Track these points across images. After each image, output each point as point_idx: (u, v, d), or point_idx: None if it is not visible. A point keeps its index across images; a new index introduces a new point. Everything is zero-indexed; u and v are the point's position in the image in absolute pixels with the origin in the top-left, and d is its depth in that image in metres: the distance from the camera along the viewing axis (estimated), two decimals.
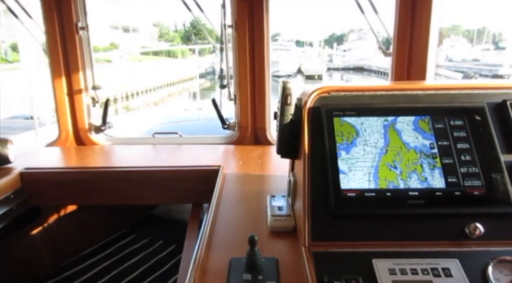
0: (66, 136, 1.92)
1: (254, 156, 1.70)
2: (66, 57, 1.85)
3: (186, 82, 25.28)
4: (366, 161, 0.86)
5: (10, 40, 19.41)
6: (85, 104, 1.92)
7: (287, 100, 0.95)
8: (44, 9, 1.77)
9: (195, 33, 50.07)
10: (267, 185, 1.31)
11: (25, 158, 1.61)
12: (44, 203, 1.52)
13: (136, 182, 1.51)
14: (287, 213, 1.01)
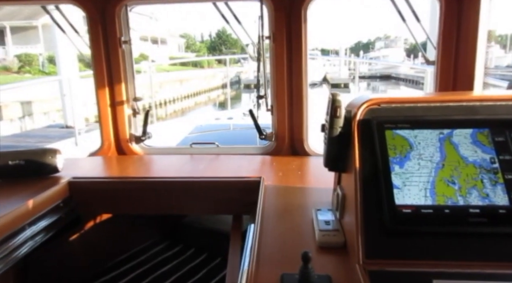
0: (108, 146, 1.99)
1: (292, 167, 1.69)
2: (109, 70, 1.92)
3: (212, 92, 25.66)
4: (422, 176, 0.83)
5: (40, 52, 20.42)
6: (126, 115, 1.98)
7: (337, 112, 0.94)
8: (90, 25, 1.85)
9: (221, 44, 50.94)
10: (310, 197, 1.29)
11: (71, 167, 1.67)
12: (90, 211, 1.57)
13: (178, 193, 1.53)
14: (335, 228, 0.99)
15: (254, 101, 4.85)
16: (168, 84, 18.87)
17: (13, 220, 1.21)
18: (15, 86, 8.09)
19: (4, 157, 1.51)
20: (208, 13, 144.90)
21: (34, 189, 1.43)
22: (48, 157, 1.56)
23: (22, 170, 1.53)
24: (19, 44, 24.51)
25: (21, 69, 18.59)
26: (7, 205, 1.27)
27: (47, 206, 1.39)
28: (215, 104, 22.10)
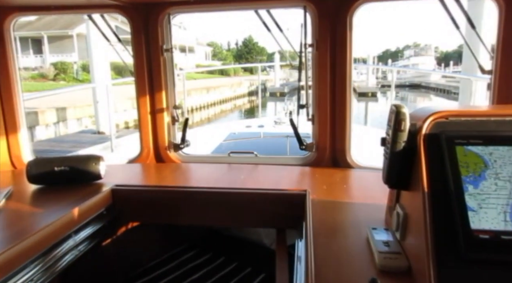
0: (147, 153, 1.99)
1: (336, 180, 1.63)
2: (150, 77, 1.93)
3: (238, 99, 25.86)
4: (500, 198, 0.76)
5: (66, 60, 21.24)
6: (166, 122, 1.98)
7: (401, 126, 0.88)
8: (133, 33, 1.88)
9: (247, 52, 51.45)
10: (360, 214, 1.22)
11: (112, 174, 1.68)
12: (132, 220, 1.56)
13: (219, 204, 1.50)
14: (396, 250, 0.92)
15: (286, 110, 4.79)
16: (195, 92, 19.16)
17: (60, 227, 1.21)
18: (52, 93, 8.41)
19: (50, 163, 1.53)
20: (235, 22, 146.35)
21: (78, 195, 1.44)
22: (92, 164, 1.56)
23: (66, 176, 1.54)
24: (55, 52, 25.67)
25: (56, 77, 19.40)
26: (54, 212, 1.28)
27: (91, 214, 1.39)
28: (241, 112, 22.25)
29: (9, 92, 1.86)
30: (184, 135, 1.99)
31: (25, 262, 1.06)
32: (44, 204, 1.38)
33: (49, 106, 10.55)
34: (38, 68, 21.43)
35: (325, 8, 1.72)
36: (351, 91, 1.79)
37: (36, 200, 1.46)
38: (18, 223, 1.22)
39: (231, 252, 2.17)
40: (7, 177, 1.81)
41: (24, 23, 25.88)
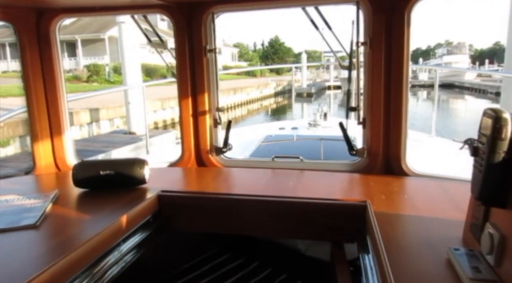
0: (189, 157, 1.93)
1: (394, 189, 1.50)
2: (193, 79, 1.87)
3: (264, 100, 25.81)
4: None
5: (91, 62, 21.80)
6: (208, 125, 1.92)
7: (501, 134, 0.76)
8: (176, 33, 1.83)
9: (274, 53, 51.29)
10: (432, 230, 1.10)
11: (156, 179, 1.62)
12: (177, 227, 1.49)
13: (268, 213, 1.41)
14: (491, 278, 0.80)
15: (320, 111, 4.64)
16: (222, 93, 19.24)
17: (108, 237, 1.16)
18: (92, 95, 8.67)
19: (96, 167, 1.49)
20: (262, 22, 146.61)
21: (124, 201, 1.39)
22: (137, 168, 1.52)
23: (111, 180, 1.51)
24: (88, 55, 26.54)
25: (89, 79, 20.03)
26: (101, 219, 1.23)
27: (139, 221, 1.33)
28: (267, 112, 22.17)
29: (54, 94, 1.85)
30: (226, 138, 1.92)
31: (74, 274, 1.01)
32: (90, 210, 1.34)
33: (83, 107, 10.86)
34: (72, 70, 22.22)
35: (380, 4, 1.60)
36: (408, 92, 1.66)
37: (82, 205, 1.43)
38: (66, 230, 1.18)
39: (265, 257, 2.08)
40: (52, 179, 1.80)
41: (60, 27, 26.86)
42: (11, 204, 1.35)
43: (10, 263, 0.96)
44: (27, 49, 1.76)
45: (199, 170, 1.90)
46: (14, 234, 1.13)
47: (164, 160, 2.08)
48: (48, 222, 1.22)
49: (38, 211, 1.27)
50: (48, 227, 1.19)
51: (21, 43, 1.75)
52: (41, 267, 0.91)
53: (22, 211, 1.28)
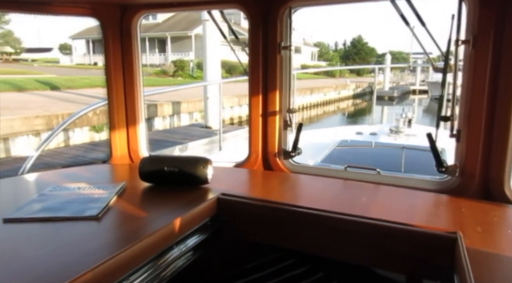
0: (255, 159, 1.85)
1: (494, 220, 1.24)
2: (265, 77, 1.78)
3: (341, 102, 25.01)
4: None
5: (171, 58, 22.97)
6: (277, 127, 1.81)
7: None
8: (251, 29, 1.75)
9: (356, 53, 49.43)
10: None
11: (219, 179, 1.57)
12: (233, 234, 1.42)
13: (336, 231, 1.26)
14: None
15: (404, 117, 4.24)
16: (298, 92, 19.09)
17: (167, 235, 1.13)
18: (172, 90, 9.22)
19: (161, 162, 1.49)
20: (345, 21, 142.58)
21: (185, 200, 1.35)
22: (200, 167, 1.48)
23: (175, 178, 1.49)
24: (176, 51, 28.40)
25: (175, 73, 21.39)
26: (161, 216, 1.21)
27: (197, 223, 1.28)
28: (344, 115, 21.40)
29: (132, 88, 1.91)
30: (296, 142, 1.80)
31: (127, 272, 0.99)
32: (151, 206, 1.33)
33: (167, 100, 11.59)
34: (161, 65, 23.97)
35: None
36: None
37: (144, 200, 1.43)
38: (124, 225, 1.17)
39: (330, 269, 1.89)
40: (123, 170, 1.86)
41: (152, 25, 29.23)
42: (81, 192, 1.40)
43: (67, 253, 0.96)
44: (111, 44, 1.83)
45: (265, 174, 1.80)
46: (77, 223, 1.15)
47: (233, 158, 2.02)
48: (110, 214, 1.23)
49: (102, 203, 1.29)
50: (109, 219, 1.20)
51: (105, 38, 1.83)
52: (94, 262, 0.90)
53: (89, 200, 1.31)
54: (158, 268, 1.11)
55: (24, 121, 8.51)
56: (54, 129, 2.81)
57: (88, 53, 34.59)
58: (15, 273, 0.87)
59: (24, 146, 8.47)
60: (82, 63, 32.64)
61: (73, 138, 8.89)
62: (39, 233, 1.09)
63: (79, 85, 15.35)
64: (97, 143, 8.79)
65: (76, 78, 17.22)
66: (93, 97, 12.60)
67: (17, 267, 0.89)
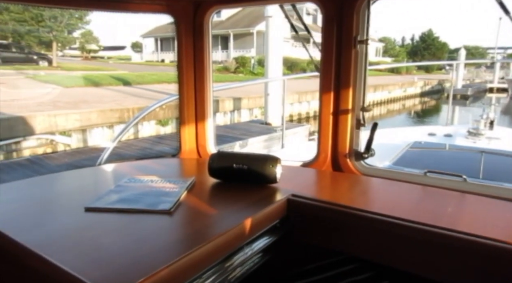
0: (324, 159, 1.77)
1: None
2: (337, 73, 1.69)
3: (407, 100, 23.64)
4: None
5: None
6: (349, 126, 1.71)
7: None
8: (324, 23, 1.67)
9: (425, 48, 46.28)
10: None
11: (286, 178, 1.51)
12: (301, 237, 1.36)
13: (417, 243, 1.14)
14: None
15: (485, 118, 3.84)
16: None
17: (235, 237, 1.10)
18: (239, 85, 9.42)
19: (230, 159, 1.47)
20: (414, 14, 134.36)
21: (253, 199, 1.32)
22: (269, 166, 1.44)
23: (243, 175, 1.47)
24: (238, 48, 28.94)
25: (236, 70, 21.80)
26: (229, 217, 1.18)
27: (266, 225, 1.24)
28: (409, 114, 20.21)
29: (202, 83, 1.92)
30: (370, 142, 1.68)
31: (199, 272, 0.97)
32: (220, 203, 1.32)
33: (228, 96, 11.84)
34: (223, 61, 24.57)
35: None
36: None
37: (213, 196, 1.43)
38: (196, 221, 1.17)
39: (396, 278, 1.74)
40: (192, 165, 1.89)
41: (216, 22, 30.05)
42: (153, 185, 1.43)
43: (143, 247, 0.97)
44: (183, 40, 1.86)
45: (334, 175, 1.71)
46: (150, 216, 1.17)
47: (297, 157, 1.96)
48: (181, 209, 1.24)
49: (174, 197, 1.30)
50: (180, 214, 1.20)
51: (179, 34, 1.86)
52: (169, 258, 0.90)
53: (161, 194, 1.34)
54: (226, 271, 1.08)
55: (99, 114, 9.23)
56: (129, 122, 2.98)
57: (156, 51, 36.65)
58: (94, 263, 0.89)
59: (99, 137, 9.20)
60: (150, 60, 34.70)
61: (142, 131, 9.45)
62: (117, 224, 1.12)
63: (147, 81, 16.30)
64: (163, 136, 9.25)
65: (145, 74, 18.31)
66: (160, 93, 13.30)
67: (96, 258, 0.92)
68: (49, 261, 0.84)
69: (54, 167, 5.89)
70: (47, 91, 12.54)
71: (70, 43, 30.24)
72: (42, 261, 0.87)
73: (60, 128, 8.53)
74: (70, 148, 8.52)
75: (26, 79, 15.93)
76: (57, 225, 1.12)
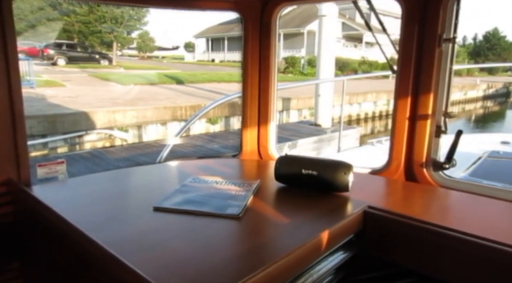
0: (396, 167, 1.63)
1: None
2: (417, 74, 1.54)
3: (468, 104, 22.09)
4: None
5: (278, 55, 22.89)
6: (428, 133, 1.56)
7: None
8: (405, 20, 1.53)
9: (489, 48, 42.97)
10: None
11: (357, 187, 1.40)
12: (379, 255, 1.24)
13: (507, 270, 0.99)
14: None
15: None
16: None
17: (309, 252, 1.01)
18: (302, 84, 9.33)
19: (299, 164, 1.39)
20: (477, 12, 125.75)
21: (325, 209, 1.23)
22: (341, 173, 1.34)
23: (311, 181, 1.38)
24: (288, 48, 28.80)
25: (285, 70, 21.68)
26: (301, 227, 1.10)
27: (342, 239, 1.15)
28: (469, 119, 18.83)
29: (267, 83, 1.87)
30: (452, 151, 1.52)
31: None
32: (289, 211, 1.23)
33: (278, 96, 11.76)
34: None
35: None
36: None
37: (281, 202, 1.35)
38: (265, 230, 1.10)
39: None
40: (254, 167, 1.84)
41: None
42: (218, 187, 1.39)
43: (214, 255, 0.92)
44: (250, 38, 1.82)
45: (409, 186, 1.57)
46: (218, 220, 1.12)
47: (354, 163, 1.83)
48: (249, 214, 1.18)
49: (241, 201, 1.25)
50: (248, 220, 1.15)
51: (245, 32, 1.81)
52: (243, 271, 0.83)
53: (228, 197, 1.29)
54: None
55: (154, 111, 9.60)
56: (189, 119, 3.01)
57: (207, 51, 37.60)
58: (166, 270, 0.85)
59: (153, 133, 9.56)
60: (202, 60, 35.69)
61: (193, 129, 9.68)
62: (185, 227, 1.09)
63: (199, 80, 16.73)
64: (213, 134, 9.40)
65: (197, 73, 18.82)
66: (211, 92, 13.57)
67: (168, 264, 0.88)
68: (126, 264, 0.82)
69: (113, 160, 6.18)
70: (128, 89, 13.32)
71: (128, 43, 31.95)
72: (117, 262, 0.85)
73: (118, 124, 8.98)
74: (127, 142, 8.95)
75: (89, 77, 17.05)
76: (127, 223, 1.11)
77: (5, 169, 1.32)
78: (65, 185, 1.48)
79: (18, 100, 1.32)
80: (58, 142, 8.15)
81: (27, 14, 21.66)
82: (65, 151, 8.08)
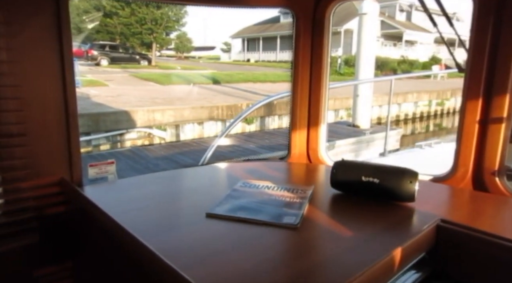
0: (463, 175, 1.49)
1: None
2: (489, 74, 1.39)
3: None
4: None
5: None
6: (501, 138, 1.40)
7: None
8: (476, 16, 1.39)
9: None
10: None
11: (422, 197, 1.28)
12: (460, 278, 1.11)
13: None
14: None
15: None
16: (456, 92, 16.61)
17: (382, 273, 0.90)
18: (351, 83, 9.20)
19: (358, 170, 1.29)
20: None
21: (390, 221, 1.12)
22: (407, 181, 1.22)
23: (372, 190, 1.27)
24: None
25: None
26: (365, 241, 1.00)
27: (413, 257, 1.03)
28: None
29: (318, 83, 1.77)
30: None
31: None
32: (350, 222, 1.13)
33: None
34: None
35: None
36: None
37: (339, 212, 1.25)
38: (326, 243, 1.01)
39: None
40: (304, 171, 1.75)
41: None
42: (271, 193, 1.32)
43: (274, 274, 0.84)
44: (301, 36, 1.73)
45: (479, 196, 1.42)
46: (274, 230, 1.05)
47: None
48: (306, 225, 1.09)
49: (297, 209, 1.17)
50: (307, 231, 1.06)
51: (297, 30, 1.73)
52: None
53: (282, 204, 1.21)
54: None
55: (191, 111, 9.73)
56: (234, 119, 2.97)
57: (243, 51, 37.85)
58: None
59: (189, 132, 9.70)
60: (237, 60, 35.97)
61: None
62: (240, 236, 1.02)
63: (235, 79, 16.83)
64: (250, 134, 9.38)
65: (233, 73, 18.94)
66: (247, 91, 13.58)
67: (228, 278, 0.82)
68: (185, 277, 0.76)
69: (152, 158, 6.31)
70: (189, 89, 13.68)
71: (167, 44, 32.80)
72: (174, 275, 0.80)
73: (157, 123, 9.19)
74: (165, 141, 9.14)
75: (129, 76, 17.64)
76: (181, 231, 1.06)
77: (59, 168, 1.32)
78: (115, 186, 1.47)
79: (73, 101, 1.32)
80: (100, 140, 8.46)
81: (73, 16, 22.79)
82: (107, 149, 8.37)
